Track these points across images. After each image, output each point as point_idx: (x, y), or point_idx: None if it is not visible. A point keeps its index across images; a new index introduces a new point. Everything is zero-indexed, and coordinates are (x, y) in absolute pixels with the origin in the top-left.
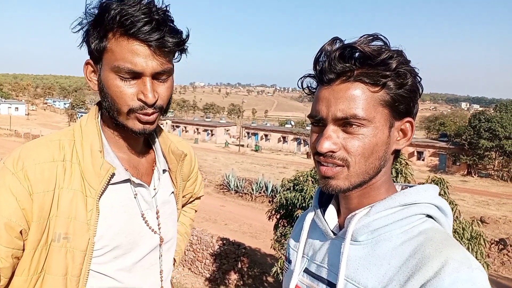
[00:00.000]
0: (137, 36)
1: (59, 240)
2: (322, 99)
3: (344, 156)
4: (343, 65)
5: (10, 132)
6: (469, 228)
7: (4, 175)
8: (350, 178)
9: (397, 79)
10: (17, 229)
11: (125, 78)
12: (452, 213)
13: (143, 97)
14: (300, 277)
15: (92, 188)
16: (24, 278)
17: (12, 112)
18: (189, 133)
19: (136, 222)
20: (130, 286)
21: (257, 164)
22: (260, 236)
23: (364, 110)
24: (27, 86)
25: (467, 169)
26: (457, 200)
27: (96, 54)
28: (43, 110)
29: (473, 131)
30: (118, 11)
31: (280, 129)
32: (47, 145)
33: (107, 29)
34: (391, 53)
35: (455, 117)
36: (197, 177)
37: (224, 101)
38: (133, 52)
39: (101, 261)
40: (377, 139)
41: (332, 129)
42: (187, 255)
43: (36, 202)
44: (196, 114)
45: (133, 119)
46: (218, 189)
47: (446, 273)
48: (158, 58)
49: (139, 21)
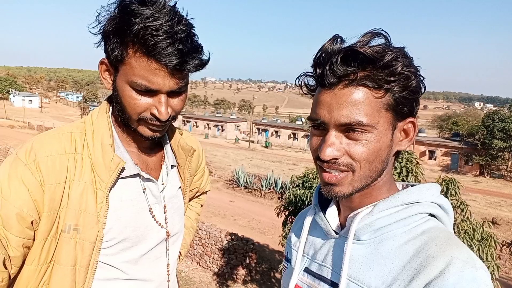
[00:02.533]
0: (157, 58)
1: (69, 231)
2: (324, 103)
3: (348, 162)
4: (345, 69)
5: (23, 124)
6: (480, 229)
7: (17, 166)
8: (354, 183)
9: (402, 82)
10: (28, 219)
11: (141, 92)
12: (453, 211)
13: (157, 113)
14: (300, 276)
15: (102, 181)
16: (34, 267)
17: (25, 105)
18: (199, 128)
19: (144, 216)
20: (136, 278)
21: (267, 161)
22: (268, 232)
23: (368, 115)
24: (40, 79)
25: (479, 169)
26: (469, 200)
27: (114, 62)
28: (56, 103)
29: (486, 131)
30: (141, 27)
31: (291, 126)
32: (59, 137)
33: (127, 42)
34: (395, 54)
35: (468, 117)
36: (204, 172)
37: (235, 96)
38: (152, 72)
39: (108, 252)
40: (381, 144)
41: (335, 135)
42: (196, 249)
43: (47, 193)
44: (207, 109)
45: (143, 126)
46: (228, 185)
47: (450, 272)
48: (175, 78)
49: (161, 42)
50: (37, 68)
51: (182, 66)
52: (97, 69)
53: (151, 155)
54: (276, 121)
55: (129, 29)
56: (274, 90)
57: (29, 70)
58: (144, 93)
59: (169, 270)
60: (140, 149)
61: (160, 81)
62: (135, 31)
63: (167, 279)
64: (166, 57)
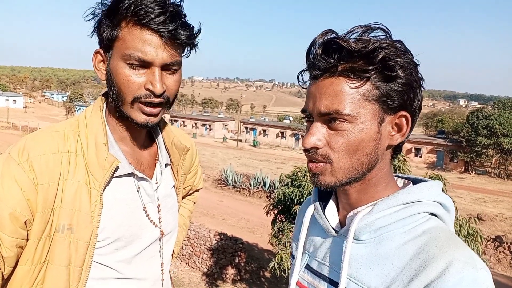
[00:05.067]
0: (149, 26)
1: (63, 231)
2: (310, 94)
3: (326, 153)
4: (327, 61)
5: (7, 125)
6: (466, 225)
7: (9, 165)
8: (335, 174)
9: (384, 72)
10: (21, 219)
11: (134, 67)
12: (454, 209)
13: (151, 87)
14: (301, 273)
15: (96, 180)
16: (27, 267)
17: (9, 105)
18: (187, 127)
19: (138, 215)
20: (130, 277)
21: (255, 159)
22: (257, 231)
23: (348, 105)
24: (24, 78)
25: (464, 166)
26: (454, 197)
27: (107, 43)
28: (40, 103)
29: (471, 128)
30: (132, 1)
31: (278, 125)
32: (52, 136)
33: (121, 18)
34: (378, 45)
35: (453, 114)
36: (198, 170)
37: (222, 95)
38: (145, 41)
39: (102, 252)
40: (363, 135)
41: (318, 126)
42: (185, 249)
43: (40, 193)
44: (195, 108)
45: (137, 110)
46: (216, 184)
47: (450, 273)
48: (169, 49)
49: (153, 11)
50: (21, 67)
51: (174, 34)
52: (91, 61)
53: (144, 153)
54: (264, 120)
55: (120, 5)
56: (262, 89)
57: (13, 69)
58: (138, 67)
59: (163, 269)
60: (134, 147)
61: (153, 51)
62: (126, 5)
63: (161, 278)
64: (159, 24)
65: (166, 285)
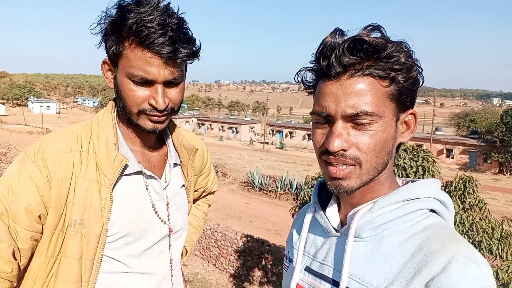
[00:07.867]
0: (150, 48)
1: (75, 225)
2: (329, 94)
3: (355, 155)
4: (352, 58)
5: (42, 130)
6: (499, 227)
7: (26, 163)
8: (361, 176)
9: (405, 72)
10: (36, 213)
11: (138, 84)
12: (453, 207)
13: (154, 103)
14: (301, 275)
15: (106, 178)
16: (42, 260)
17: (43, 111)
18: (214, 130)
19: (146, 212)
20: (139, 271)
21: (281, 162)
22: (284, 234)
23: (375, 105)
24: (58, 85)
25: (498, 167)
26: (488, 199)
27: (113, 58)
28: (72, 109)
29: (505, 127)
30: (135, 21)
31: (305, 127)
32: (65, 136)
33: (124, 37)
34: (397, 45)
35: (486, 114)
36: (210, 172)
37: (248, 98)
38: (147, 62)
39: (112, 246)
40: (386, 134)
41: (342, 126)
42: (212, 251)
43: (54, 189)
44: (221, 111)
45: (144, 119)
46: (243, 187)
47: (453, 269)
48: (170, 68)
49: (154, 33)
50: (54, 74)
51: (174, 54)
52: (100, 69)
53: (154, 153)
54: (290, 122)
55: (124, 24)
56: (288, 91)
57: (47, 76)
58: (141, 84)
59: (172, 265)
60: (144, 147)
61: (155, 71)
62: (129, 25)
63: (170, 273)
64: (159, 46)
65: (176, 281)
